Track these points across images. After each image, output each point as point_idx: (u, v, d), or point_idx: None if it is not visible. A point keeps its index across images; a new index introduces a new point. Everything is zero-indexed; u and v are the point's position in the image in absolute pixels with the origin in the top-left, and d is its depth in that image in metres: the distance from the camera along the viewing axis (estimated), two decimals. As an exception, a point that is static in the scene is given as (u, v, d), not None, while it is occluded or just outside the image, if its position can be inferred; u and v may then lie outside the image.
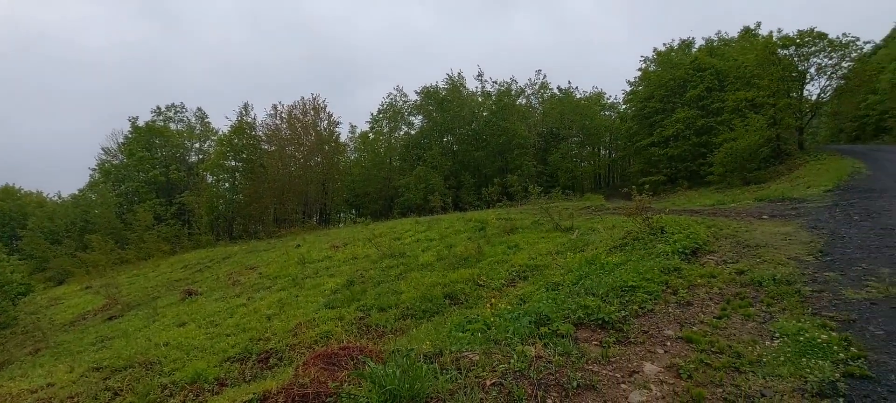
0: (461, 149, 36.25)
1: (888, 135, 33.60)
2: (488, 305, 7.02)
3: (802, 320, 3.79)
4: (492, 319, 4.80)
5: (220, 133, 37.72)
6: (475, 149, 35.35)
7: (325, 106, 34.41)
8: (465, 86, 38.60)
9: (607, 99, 44.95)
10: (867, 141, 36.50)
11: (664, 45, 36.47)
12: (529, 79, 44.27)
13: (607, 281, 5.54)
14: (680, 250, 6.50)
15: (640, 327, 4.06)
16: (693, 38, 35.85)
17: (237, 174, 33.56)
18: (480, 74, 38.82)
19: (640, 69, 35.15)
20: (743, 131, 22.50)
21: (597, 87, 63.65)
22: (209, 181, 36.77)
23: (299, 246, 17.55)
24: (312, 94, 47.39)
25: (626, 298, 4.79)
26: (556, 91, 43.04)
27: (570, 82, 56.81)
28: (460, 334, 4.40)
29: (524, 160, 33.74)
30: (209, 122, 41.60)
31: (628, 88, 37.05)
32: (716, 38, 36.06)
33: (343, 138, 40.15)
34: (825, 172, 16.31)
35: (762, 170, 21.89)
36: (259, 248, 19.77)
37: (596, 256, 7.38)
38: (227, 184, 35.25)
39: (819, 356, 3.22)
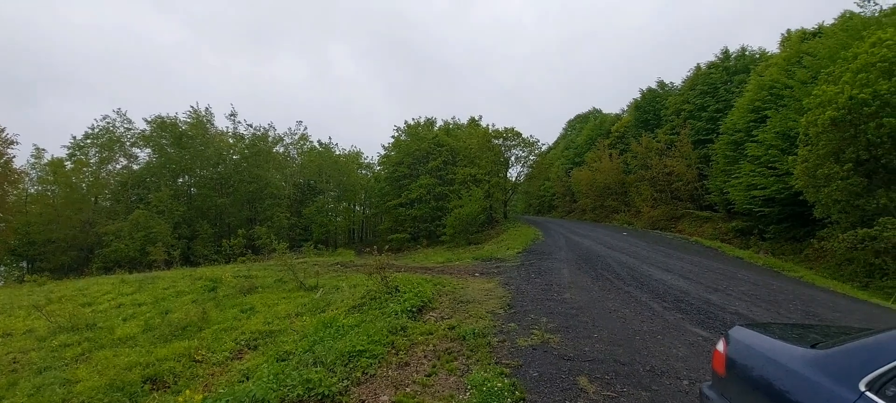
0: (201, 194, 31.65)
1: (555, 211, 46.52)
2: (202, 387, 5.92)
3: (488, 369, 4.52)
4: (195, 409, 3.99)
5: None
6: (219, 194, 31.46)
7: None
8: (212, 124, 34.52)
9: (365, 158, 47.74)
10: (545, 214, 49.77)
11: (413, 119, 41.73)
12: (289, 129, 43.26)
13: (338, 346, 5.44)
14: (409, 309, 7.03)
15: (359, 396, 4.06)
16: (435, 118, 42.28)
17: None
18: (234, 114, 35.58)
19: (393, 136, 38.96)
20: (468, 200, 27.26)
21: (355, 146, 67.15)
22: None
23: None
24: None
25: (352, 364, 4.77)
26: (316, 144, 43.17)
27: (330, 138, 58.19)
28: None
29: (277, 211, 31.88)
30: None
31: (383, 151, 40.39)
32: (452, 122, 43.54)
33: (20, 163, 29.54)
34: (520, 237, 21.13)
35: (480, 232, 26.80)
36: None
37: (334, 318, 7.26)
38: None
39: (496, 402, 3.84)
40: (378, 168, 43.56)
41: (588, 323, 6.32)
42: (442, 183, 33.17)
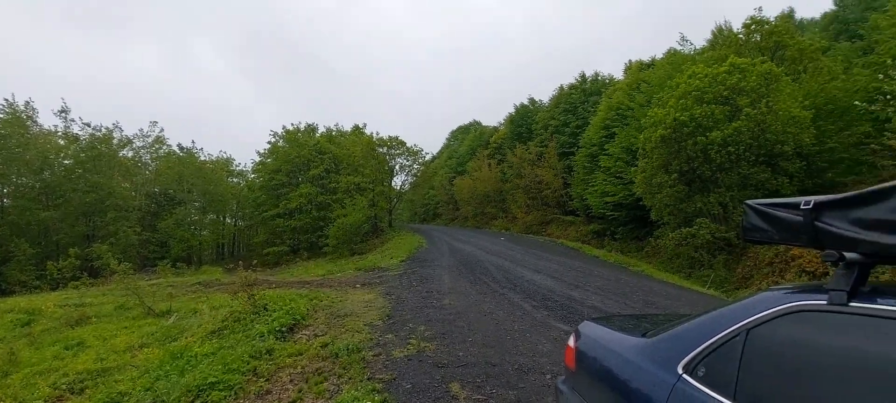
0: (17, 206, 25.81)
1: (440, 218, 47.74)
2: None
3: (360, 387, 4.28)
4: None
5: None
6: (43, 207, 25.97)
7: None
8: (35, 121, 28.45)
9: (236, 165, 43.64)
10: (430, 221, 50.81)
11: (292, 124, 39.37)
12: (141, 130, 37.26)
13: (185, 380, 4.71)
14: (277, 329, 6.43)
15: (206, 437, 3.51)
16: (317, 124, 40.47)
17: None
18: (65, 110, 29.59)
19: (270, 142, 36.25)
20: (352, 209, 26.49)
21: (225, 152, 60.99)
22: None
23: None
24: None
25: (201, 400, 4.14)
26: (176, 148, 38.17)
27: (193, 142, 51.83)
28: None
29: (122, 225, 27.36)
30: None
31: (258, 158, 37.33)
32: (335, 129, 42.13)
33: None
34: (404, 245, 21.11)
35: (364, 242, 26.21)
36: None
37: (186, 347, 6.33)
38: None
39: (367, 421, 3.62)
40: (252, 176, 40.11)
41: (464, 328, 6.44)
42: (324, 191, 31.77)
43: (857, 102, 13.37)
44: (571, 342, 2.78)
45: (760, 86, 13.67)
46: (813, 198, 1.64)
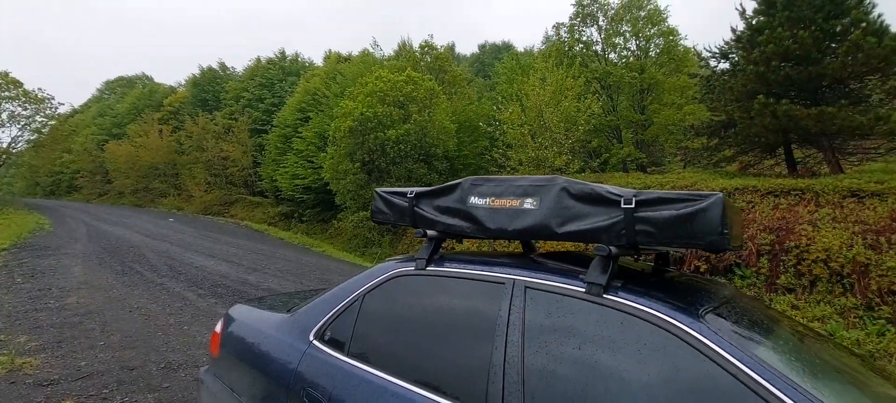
0: None
1: (79, 193, 36.42)
2: None
3: None
4: None
5: None
6: None
7: None
8: None
9: None
10: (63, 196, 38.00)
11: None
12: None
13: None
14: None
15: None
16: None
17: None
18: None
19: None
20: None
21: None
22: None
23: None
24: None
25: None
26: None
27: None
28: None
29: None
30: None
31: None
32: None
33: None
34: (6, 228, 14.94)
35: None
36: None
37: None
38: None
39: None
40: None
41: (95, 330, 5.11)
42: None
43: (480, 123, 18.30)
44: (218, 328, 2.60)
45: (426, 98, 16.76)
46: (415, 189, 2.08)
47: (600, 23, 19.31)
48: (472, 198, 1.86)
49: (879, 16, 9.26)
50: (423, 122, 15.76)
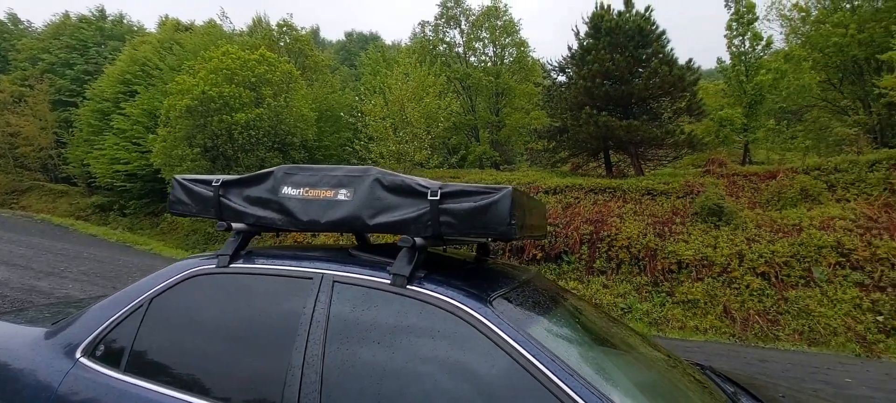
0: None
1: None
2: None
3: None
4: None
5: None
6: None
7: None
8: None
9: None
10: None
11: None
12: None
13: None
14: None
15: None
16: None
17: None
18: None
19: None
20: None
21: None
22: None
23: None
24: None
25: None
26: None
27: None
28: None
29: None
30: None
31: None
32: None
33: None
34: None
35: None
36: None
37: None
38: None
39: None
40: None
41: None
42: None
43: (342, 114, 17.74)
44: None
45: (283, 82, 15.56)
46: (222, 177, 1.85)
47: (463, 26, 20.34)
48: (286, 187, 1.71)
49: (671, 49, 11.53)
50: (279, 108, 14.65)
